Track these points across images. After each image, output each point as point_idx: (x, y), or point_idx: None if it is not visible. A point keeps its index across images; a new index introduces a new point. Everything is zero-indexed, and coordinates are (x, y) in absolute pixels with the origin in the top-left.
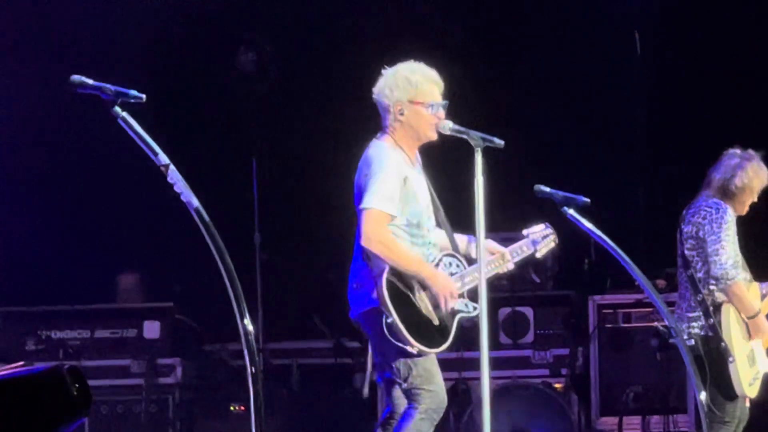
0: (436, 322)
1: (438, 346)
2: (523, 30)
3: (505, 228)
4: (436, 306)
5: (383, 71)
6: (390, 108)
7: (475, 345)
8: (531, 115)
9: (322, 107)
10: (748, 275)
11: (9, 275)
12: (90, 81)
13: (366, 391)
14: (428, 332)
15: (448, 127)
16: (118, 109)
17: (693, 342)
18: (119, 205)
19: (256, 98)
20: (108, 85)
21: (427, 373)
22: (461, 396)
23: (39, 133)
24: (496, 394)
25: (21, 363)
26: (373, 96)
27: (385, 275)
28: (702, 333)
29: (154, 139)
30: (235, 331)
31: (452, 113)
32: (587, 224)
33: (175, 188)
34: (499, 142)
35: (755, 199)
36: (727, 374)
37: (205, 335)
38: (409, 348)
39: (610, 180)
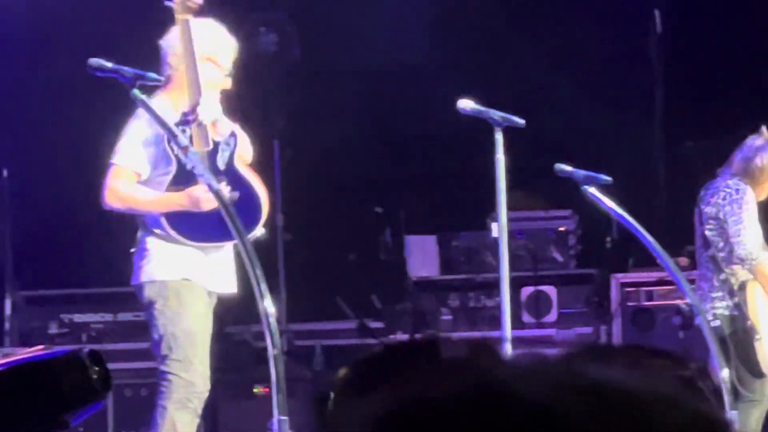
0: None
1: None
2: (540, 8)
3: (525, 207)
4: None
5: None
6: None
7: (497, 324)
8: (550, 94)
9: (342, 87)
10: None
11: (31, 258)
12: (108, 64)
13: None
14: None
15: (469, 106)
16: (136, 91)
17: (719, 322)
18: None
19: (277, 79)
20: (126, 68)
21: None
22: None
23: (59, 112)
24: None
25: (41, 346)
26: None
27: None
28: (727, 312)
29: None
30: (258, 313)
31: (472, 92)
32: (608, 203)
33: (195, 170)
34: (519, 122)
35: None
36: (753, 353)
37: (228, 317)
38: None
39: (630, 158)
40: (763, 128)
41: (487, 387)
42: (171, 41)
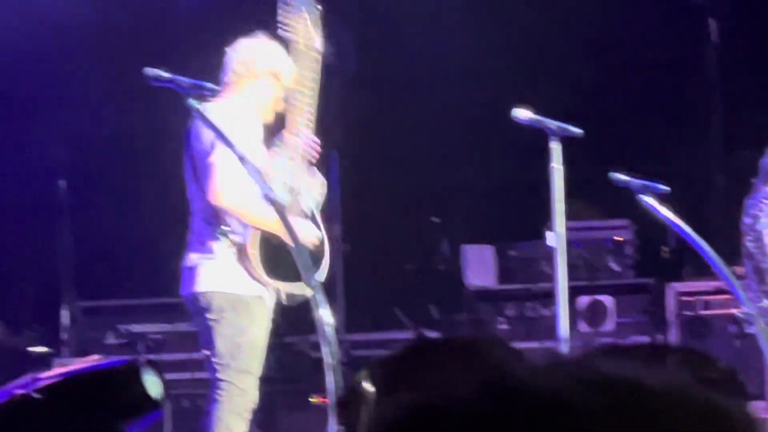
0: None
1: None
2: (596, 16)
3: (582, 216)
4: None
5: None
6: (251, 69)
7: (554, 334)
8: (606, 103)
9: (399, 97)
10: None
11: (89, 268)
12: (165, 74)
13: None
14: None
15: (525, 115)
16: (193, 101)
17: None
18: None
19: (335, 90)
20: (183, 78)
21: None
22: None
23: (117, 123)
24: None
25: (98, 356)
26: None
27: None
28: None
29: None
30: (316, 322)
31: (528, 102)
32: (665, 212)
33: (256, 182)
34: (576, 131)
35: None
36: None
37: (286, 326)
38: None
39: (687, 166)
40: None
41: (507, 384)
42: (242, 53)
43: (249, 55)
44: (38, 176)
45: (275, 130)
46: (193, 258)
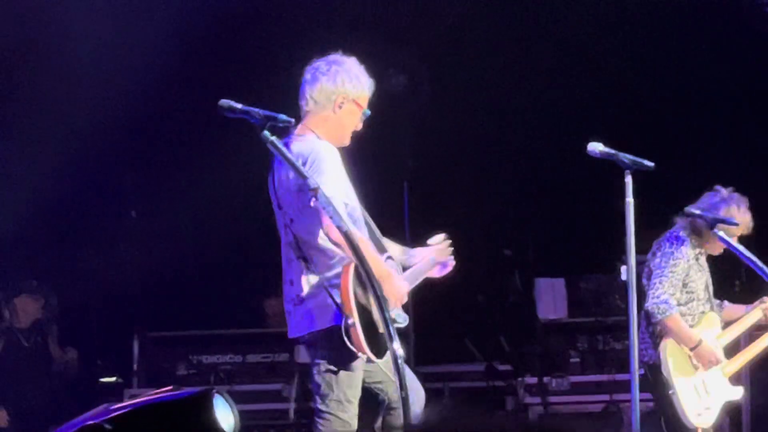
0: (381, 329)
1: (382, 355)
2: (668, 51)
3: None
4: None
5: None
6: (331, 97)
7: (626, 367)
8: (679, 137)
9: (471, 128)
10: (706, 306)
11: (161, 300)
12: (238, 105)
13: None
14: (376, 339)
15: (598, 149)
16: (267, 133)
17: (643, 371)
18: (267, 230)
19: (407, 119)
20: (256, 109)
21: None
22: (612, 418)
23: (188, 154)
24: (646, 417)
25: (170, 387)
26: (308, 79)
27: (351, 270)
28: (650, 362)
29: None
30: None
31: (601, 136)
32: (737, 246)
33: (324, 212)
34: (649, 165)
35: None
36: (671, 406)
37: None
38: (361, 355)
39: (760, 201)
40: (719, 187)
41: None
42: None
43: (330, 83)
44: (110, 206)
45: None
46: (295, 297)
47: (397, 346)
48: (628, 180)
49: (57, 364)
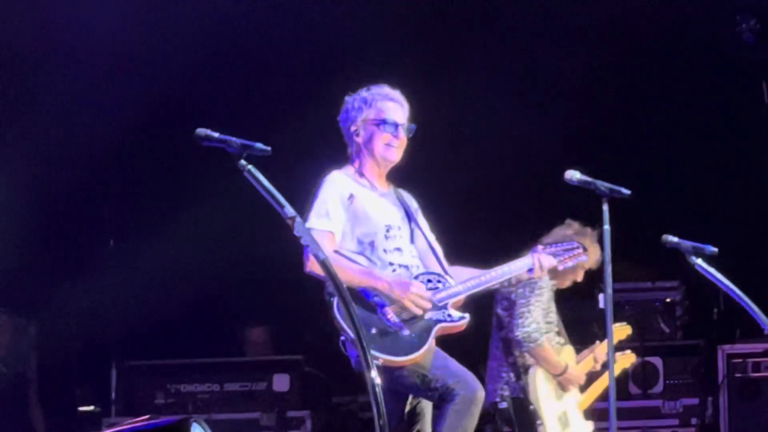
0: (406, 332)
1: (408, 353)
2: (646, 79)
3: (632, 278)
4: (410, 318)
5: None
6: (348, 130)
7: (604, 395)
8: (657, 165)
9: (453, 154)
10: (562, 339)
11: (139, 329)
12: (215, 134)
13: None
14: (394, 343)
15: (576, 177)
16: (243, 162)
17: (505, 404)
18: (246, 258)
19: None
20: (234, 138)
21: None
22: None
23: (166, 183)
24: None
25: (147, 416)
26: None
27: (336, 299)
28: (513, 395)
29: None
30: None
31: (577, 164)
32: (715, 274)
33: (302, 241)
34: (626, 192)
35: (578, 279)
36: None
37: (335, 387)
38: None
39: (738, 228)
40: (570, 220)
41: None
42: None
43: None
44: (88, 234)
45: None
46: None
47: (375, 374)
48: (605, 208)
49: (33, 391)
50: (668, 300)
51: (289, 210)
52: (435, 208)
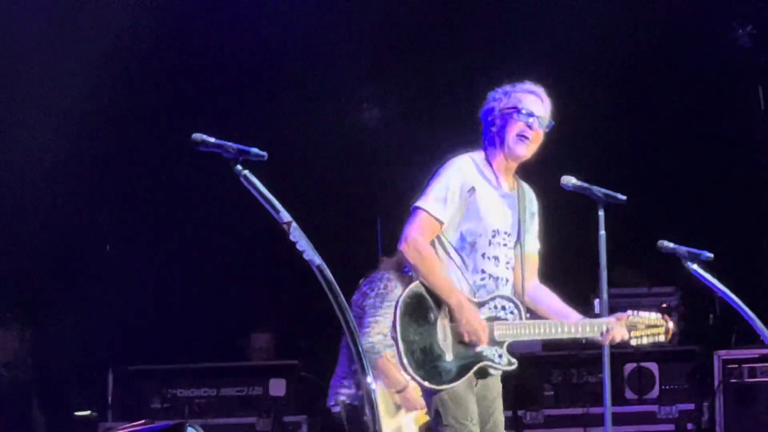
0: (449, 356)
1: (439, 383)
2: (642, 85)
3: (628, 284)
4: (460, 341)
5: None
6: (486, 121)
7: (600, 400)
8: (653, 170)
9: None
10: None
11: (136, 334)
12: (211, 139)
13: None
14: (432, 365)
15: (571, 183)
16: (239, 167)
17: (338, 409)
18: (245, 263)
19: (380, 154)
20: (230, 143)
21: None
22: None
23: (162, 188)
24: None
25: (144, 421)
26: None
27: (411, 286)
28: (348, 401)
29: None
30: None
31: (574, 169)
32: (711, 279)
33: (297, 246)
34: (622, 198)
35: None
36: None
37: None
38: (404, 374)
39: (735, 234)
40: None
41: None
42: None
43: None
44: (85, 239)
45: None
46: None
47: (371, 380)
48: (601, 213)
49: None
50: (664, 305)
51: (285, 215)
52: None
